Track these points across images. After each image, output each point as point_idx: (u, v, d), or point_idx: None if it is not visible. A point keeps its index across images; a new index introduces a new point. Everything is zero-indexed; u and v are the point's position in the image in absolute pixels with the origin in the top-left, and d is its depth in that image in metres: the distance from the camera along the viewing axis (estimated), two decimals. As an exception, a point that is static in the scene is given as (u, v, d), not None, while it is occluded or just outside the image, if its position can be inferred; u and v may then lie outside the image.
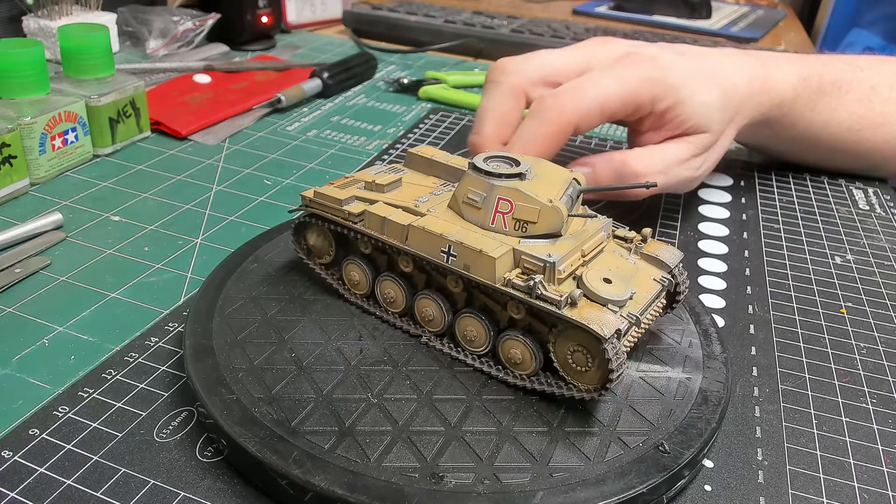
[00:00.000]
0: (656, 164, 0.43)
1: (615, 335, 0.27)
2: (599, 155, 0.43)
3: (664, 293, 0.32)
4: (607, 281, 0.29)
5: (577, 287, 0.29)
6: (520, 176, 0.31)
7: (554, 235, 0.30)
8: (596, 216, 0.33)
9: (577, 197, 0.32)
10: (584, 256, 0.31)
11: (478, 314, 0.31)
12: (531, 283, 0.28)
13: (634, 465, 0.27)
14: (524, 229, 0.30)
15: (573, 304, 0.28)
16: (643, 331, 0.31)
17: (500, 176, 0.31)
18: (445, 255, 0.30)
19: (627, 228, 0.34)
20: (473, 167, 0.32)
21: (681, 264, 0.33)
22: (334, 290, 0.36)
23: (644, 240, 0.33)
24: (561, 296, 0.27)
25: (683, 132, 0.44)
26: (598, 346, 0.27)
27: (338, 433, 0.27)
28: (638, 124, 0.45)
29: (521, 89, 0.43)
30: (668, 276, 0.32)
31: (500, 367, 0.31)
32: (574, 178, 0.32)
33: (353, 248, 0.35)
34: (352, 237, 0.34)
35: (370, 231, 0.33)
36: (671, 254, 0.33)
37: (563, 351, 0.29)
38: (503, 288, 0.29)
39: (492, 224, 0.31)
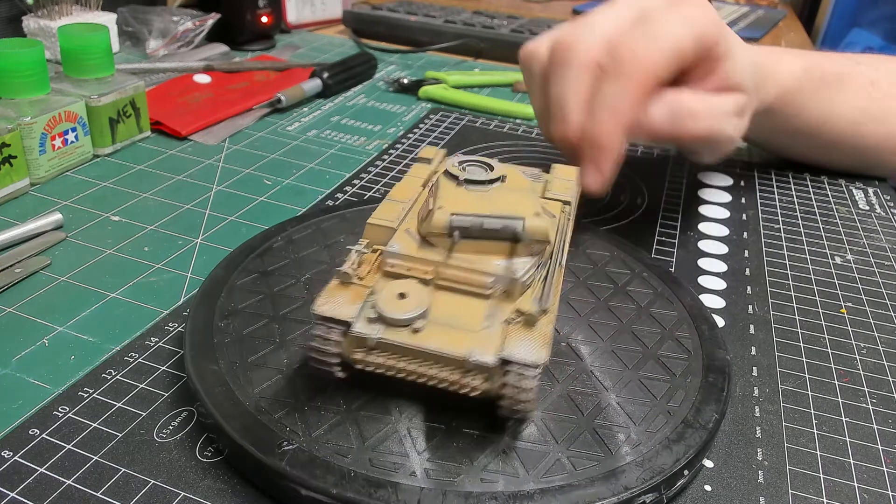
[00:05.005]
0: (711, 108, 0.39)
1: (337, 325, 0.26)
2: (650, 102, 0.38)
3: (487, 380, 0.26)
4: (402, 296, 0.27)
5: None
6: (468, 182, 0.31)
7: (427, 241, 0.29)
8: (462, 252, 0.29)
9: (516, 238, 0.28)
10: (440, 279, 0.28)
11: None
12: (352, 251, 0.29)
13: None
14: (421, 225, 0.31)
15: (339, 281, 0.28)
16: (414, 375, 0.27)
17: (450, 175, 0.31)
18: None
19: (538, 306, 0.27)
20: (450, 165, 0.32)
21: (534, 371, 0.25)
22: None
23: (529, 321, 0.27)
24: (346, 270, 0.28)
25: (726, 87, 0.41)
26: None
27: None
28: (685, 74, 0.39)
29: (594, 63, 0.37)
30: (482, 363, 0.25)
31: None
32: (523, 219, 0.28)
33: None
34: None
35: None
36: (519, 350, 0.25)
37: None
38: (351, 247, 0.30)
39: (419, 213, 0.32)
